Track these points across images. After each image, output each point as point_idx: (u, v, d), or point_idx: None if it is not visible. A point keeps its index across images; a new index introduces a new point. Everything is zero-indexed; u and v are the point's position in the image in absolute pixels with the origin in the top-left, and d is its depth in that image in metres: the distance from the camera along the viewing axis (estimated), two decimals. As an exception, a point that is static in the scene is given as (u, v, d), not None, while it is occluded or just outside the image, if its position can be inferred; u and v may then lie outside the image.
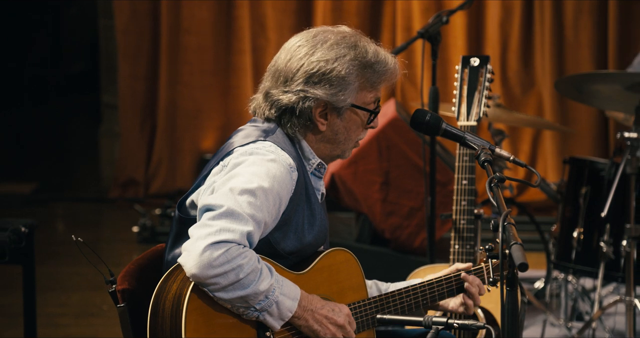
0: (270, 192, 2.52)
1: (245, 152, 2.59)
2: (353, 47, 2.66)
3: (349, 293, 2.71)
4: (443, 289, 2.82)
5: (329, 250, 2.72)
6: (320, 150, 2.72)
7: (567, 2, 6.55)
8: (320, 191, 2.75)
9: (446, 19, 4.04)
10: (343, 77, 2.64)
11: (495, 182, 2.48)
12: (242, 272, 2.42)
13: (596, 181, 4.36)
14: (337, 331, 2.60)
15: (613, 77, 4.37)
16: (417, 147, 5.07)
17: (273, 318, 2.51)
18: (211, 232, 2.42)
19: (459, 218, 3.36)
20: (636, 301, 4.10)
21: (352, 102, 2.67)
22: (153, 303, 2.51)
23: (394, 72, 2.71)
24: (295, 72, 2.65)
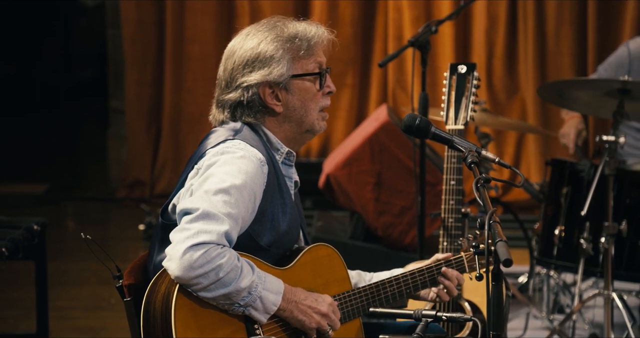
0: (243, 188, 2.51)
1: (217, 153, 2.59)
2: (272, 28, 2.68)
3: (333, 286, 2.71)
4: (425, 279, 2.82)
5: (311, 245, 2.72)
6: (287, 132, 2.71)
7: (549, 12, 6.56)
8: (292, 179, 2.75)
9: (435, 28, 4.04)
10: (271, 56, 2.65)
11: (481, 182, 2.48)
12: (222, 271, 2.42)
13: (576, 182, 4.36)
14: (322, 319, 2.60)
15: (592, 84, 4.37)
16: (407, 149, 5.07)
17: (258, 313, 2.51)
18: (189, 235, 2.42)
19: (448, 217, 3.36)
20: (614, 295, 4.10)
21: (291, 73, 2.66)
22: (144, 304, 2.50)
23: (321, 35, 2.71)
24: (231, 72, 2.68)
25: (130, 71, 6.93)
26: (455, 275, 2.83)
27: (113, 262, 2.66)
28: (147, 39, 6.87)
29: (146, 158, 6.96)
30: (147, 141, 6.96)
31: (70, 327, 4.82)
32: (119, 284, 2.65)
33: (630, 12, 6.46)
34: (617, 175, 4.13)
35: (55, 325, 4.49)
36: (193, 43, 6.80)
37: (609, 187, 4.08)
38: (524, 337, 4.61)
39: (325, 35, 2.72)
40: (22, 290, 4.90)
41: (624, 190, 4.28)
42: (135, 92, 6.94)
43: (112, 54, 7.25)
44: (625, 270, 4.30)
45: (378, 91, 6.79)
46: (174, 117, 6.90)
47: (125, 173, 7.01)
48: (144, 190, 6.93)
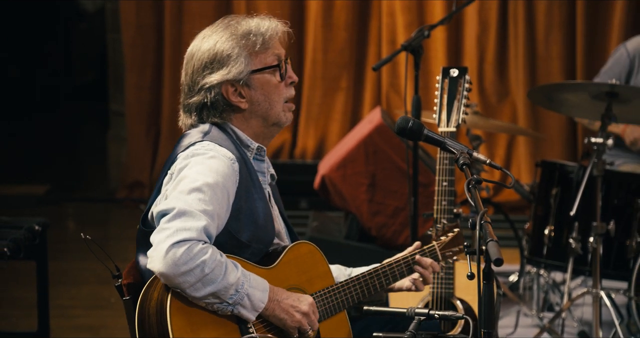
0: (216, 186, 2.51)
1: (187, 156, 2.59)
2: (226, 27, 2.68)
3: (317, 282, 2.71)
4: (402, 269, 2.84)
5: (292, 244, 2.72)
6: (255, 127, 2.71)
7: (538, 18, 6.56)
8: (266, 173, 2.74)
9: (427, 33, 4.04)
10: (228, 55, 2.64)
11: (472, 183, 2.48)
12: (207, 267, 2.41)
13: (565, 183, 4.36)
14: (302, 318, 2.59)
15: (581, 87, 4.37)
16: (401, 151, 5.07)
17: (247, 311, 2.50)
18: (169, 234, 2.41)
19: (440, 217, 3.36)
20: (602, 293, 4.11)
21: (250, 68, 2.65)
22: (139, 312, 2.50)
23: (275, 28, 2.70)
24: (192, 75, 2.68)
25: (130, 74, 6.92)
26: (429, 263, 2.84)
27: (112, 262, 2.65)
28: (147, 43, 6.87)
29: (145, 159, 6.95)
30: (147, 143, 6.96)
31: (71, 325, 4.81)
32: (118, 283, 2.64)
33: (618, 18, 6.46)
34: (605, 177, 4.13)
35: (56, 323, 4.48)
36: (191, 47, 6.79)
37: (597, 188, 4.08)
38: (514, 335, 4.61)
39: (280, 28, 2.72)
40: (24, 289, 4.89)
41: (611, 191, 4.28)
42: (134, 95, 6.94)
43: (112, 57, 7.24)
44: (613, 269, 4.30)
45: (372, 94, 6.79)
46: (172, 120, 6.88)
47: (125, 175, 7.00)
48: (143, 191, 6.92)
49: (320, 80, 6.70)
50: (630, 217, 4.28)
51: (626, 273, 4.28)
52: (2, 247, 3.43)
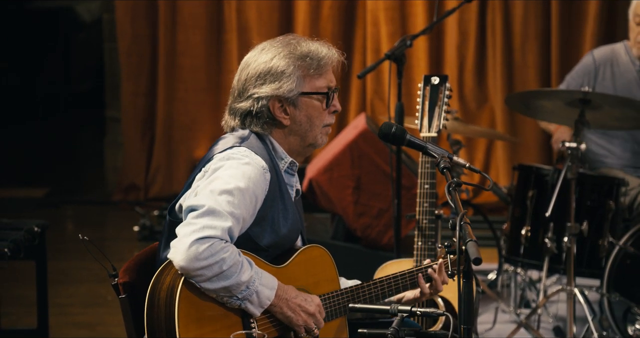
0: (246, 192, 2.51)
1: (223, 158, 2.59)
2: (286, 44, 2.67)
3: (323, 285, 2.70)
4: (406, 282, 2.82)
5: (305, 246, 2.72)
6: (292, 144, 2.71)
7: (515, 28, 6.58)
8: (294, 187, 2.75)
9: (410, 42, 4.04)
10: (283, 71, 2.63)
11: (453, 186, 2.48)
12: (225, 264, 2.42)
13: (541, 185, 4.37)
14: (308, 318, 2.60)
15: (555, 94, 4.39)
16: (385, 155, 5.07)
17: (253, 306, 2.51)
18: (196, 229, 2.42)
19: (422, 218, 3.36)
20: (576, 290, 4.12)
21: (300, 90, 2.65)
22: (149, 294, 2.50)
23: (331, 56, 2.69)
24: (244, 82, 2.67)
25: (125, 82, 6.91)
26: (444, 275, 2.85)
27: (109, 262, 2.64)
28: (142, 52, 6.85)
29: (141, 164, 6.93)
30: (142, 148, 6.94)
31: (70, 322, 4.80)
32: (115, 282, 2.65)
33: (590, 29, 6.49)
34: (578, 179, 4.15)
35: (55, 320, 4.47)
36: (184, 56, 6.78)
37: (572, 190, 4.09)
38: (492, 330, 4.61)
39: (336, 57, 2.72)
40: (24, 288, 4.87)
41: (585, 193, 4.30)
42: (130, 101, 6.92)
43: (109, 66, 7.22)
44: (586, 267, 4.31)
45: (357, 101, 6.79)
46: (166, 126, 6.88)
47: (121, 178, 6.98)
48: (139, 194, 6.90)
49: (308, 88, 6.69)
50: (602, 218, 4.29)
51: (599, 272, 4.30)
52: (3, 248, 3.42)
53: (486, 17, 6.62)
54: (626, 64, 4.73)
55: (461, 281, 2.32)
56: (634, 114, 4.26)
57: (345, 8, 6.70)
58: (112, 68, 7.16)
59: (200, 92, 6.83)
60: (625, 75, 4.72)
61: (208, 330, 2.48)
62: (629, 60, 4.73)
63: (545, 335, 4.50)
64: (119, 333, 4.42)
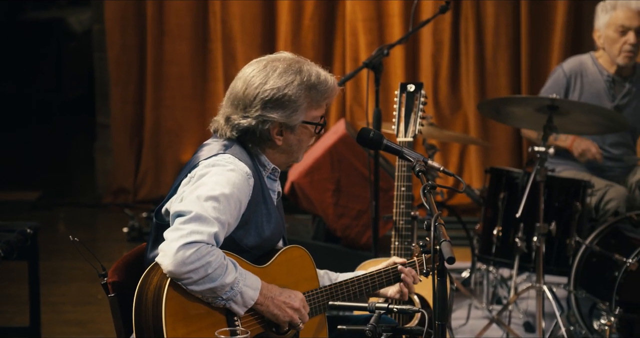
0: (231, 197, 2.51)
1: (209, 164, 2.58)
2: (299, 72, 2.65)
3: (303, 284, 2.70)
4: (382, 279, 2.82)
5: (286, 247, 2.71)
6: (277, 159, 2.72)
7: (487, 39, 6.59)
8: (276, 191, 2.75)
9: (387, 51, 4.05)
10: (294, 101, 2.63)
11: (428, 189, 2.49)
12: (211, 267, 2.42)
13: (512, 187, 4.38)
14: (294, 314, 2.60)
15: (525, 101, 4.40)
16: (363, 159, 5.07)
17: (238, 306, 2.50)
18: (183, 235, 2.42)
19: (399, 219, 3.36)
20: (544, 287, 4.13)
21: (302, 119, 2.66)
22: (137, 294, 2.49)
23: (335, 90, 2.71)
24: (252, 100, 2.63)
25: (115, 90, 6.88)
26: (413, 273, 2.84)
27: (99, 262, 2.63)
28: (130, 61, 6.83)
29: (129, 168, 6.90)
30: (130, 153, 6.91)
31: (61, 320, 4.77)
32: (104, 282, 2.64)
33: (557, 39, 6.51)
34: (547, 182, 4.16)
35: (47, 318, 4.44)
36: (171, 65, 6.76)
37: (540, 192, 4.11)
38: (466, 326, 4.62)
39: (337, 90, 2.72)
40: (17, 287, 4.83)
41: (553, 195, 4.31)
42: (119, 108, 6.89)
43: (99, 74, 7.19)
44: (554, 265, 4.33)
45: (337, 107, 6.79)
46: (154, 131, 6.85)
47: (111, 182, 6.95)
48: (128, 196, 6.87)
49: (290, 95, 6.68)
50: (570, 218, 4.30)
51: (566, 269, 4.31)
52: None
53: (459, 27, 6.63)
54: (594, 75, 4.75)
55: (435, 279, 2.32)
56: (599, 119, 4.28)
57: (326, 19, 6.70)
58: (102, 76, 7.13)
59: (187, 99, 6.81)
60: (594, 85, 4.74)
61: (194, 328, 2.47)
62: (597, 71, 4.75)
63: (516, 330, 4.51)
64: (108, 330, 4.40)
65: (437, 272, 2.33)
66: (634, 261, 3.95)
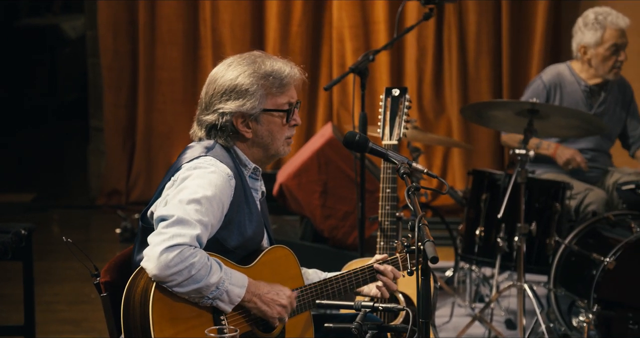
0: (213, 199, 2.50)
1: (191, 167, 2.57)
2: (252, 62, 2.66)
3: (288, 283, 2.69)
4: (366, 276, 2.81)
5: (270, 247, 2.70)
6: (255, 154, 2.70)
7: (469, 45, 6.61)
8: (259, 190, 2.73)
9: (372, 57, 4.04)
10: (247, 89, 2.62)
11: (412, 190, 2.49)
12: (194, 269, 2.40)
13: (494, 189, 4.39)
14: (282, 310, 2.59)
15: (506, 105, 4.41)
16: (350, 162, 5.07)
17: (224, 304, 2.49)
18: (165, 238, 2.40)
19: (384, 220, 3.36)
20: (525, 285, 4.13)
21: (263, 107, 2.64)
22: (125, 297, 2.48)
23: (293, 75, 2.68)
24: (211, 97, 2.66)
25: (108, 94, 6.86)
26: (390, 269, 2.83)
27: (91, 262, 2.62)
28: (123, 66, 6.81)
29: (122, 170, 6.88)
30: (123, 155, 6.89)
31: (55, 319, 4.75)
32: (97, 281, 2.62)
33: (537, 46, 6.53)
34: (527, 183, 4.17)
35: (41, 317, 4.42)
36: (163, 70, 6.75)
37: (521, 193, 4.11)
38: (449, 323, 4.62)
39: (298, 76, 2.71)
40: (12, 287, 4.80)
41: (533, 196, 4.32)
42: (112, 112, 6.87)
43: (92, 79, 7.16)
44: (534, 264, 4.34)
45: (324, 111, 6.78)
46: (146, 135, 6.84)
47: (104, 184, 6.93)
48: (120, 198, 6.85)
49: (278, 99, 6.68)
50: (549, 218, 4.31)
51: (546, 268, 4.32)
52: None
53: (443, 34, 6.64)
54: (572, 84, 4.76)
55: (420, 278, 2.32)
56: (578, 123, 4.29)
57: (313, 26, 6.70)
58: (96, 81, 7.11)
59: (178, 104, 6.79)
60: (572, 95, 4.75)
61: (182, 328, 2.46)
62: (575, 81, 4.76)
63: (498, 327, 4.52)
64: (102, 329, 4.38)
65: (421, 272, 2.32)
66: (611, 260, 3.96)
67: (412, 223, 2.38)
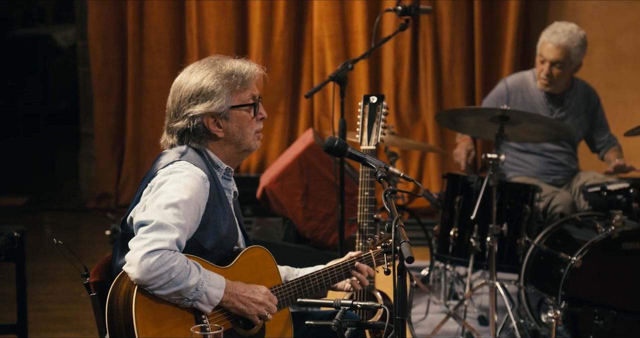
0: (190, 202, 2.49)
1: (166, 172, 2.56)
2: (212, 65, 2.66)
3: (266, 281, 2.69)
4: (341, 272, 2.81)
5: (247, 248, 2.70)
6: (227, 153, 2.69)
7: (444, 54, 6.63)
8: (231, 190, 2.73)
9: (351, 66, 4.05)
10: (213, 91, 2.62)
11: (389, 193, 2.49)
12: (174, 272, 2.39)
13: (467, 191, 4.40)
14: (259, 307, 2.58)
15: (479, 112, 4.42)
16: (330, 166, 5.07)
17: (204, 305, 2.48)
18: (146, 243, 2.39)
19: (363, 222, 3.36)
20: (497, 283, 4.15)
21: (230, 105, 2.64)
22: (109, 300, 2.46)
23: (253, 71, 2.69)
24: (179, 104, 2.66)
25: (98, 102, 6.83)
26: (365, 269, 2.83)
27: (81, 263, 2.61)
28: (112, 75, 6.78)
29: (112, 174, 6.85)
30: (112, 160, 6.86)
31: (47, 317, 4.72)
32: (86, 281, 2.60)
33: (508, 55, 6.57)
34: (499, 186, 4.18)
35: (33, 316, 4.39)
36: (151, 78, 6.72)
37: (493, 196, 4.13)
38: (425, 320, 4.62)
39: (258, 71, 2.71)
40: (5, 287, 4.77)
41: (505, 198, 4.33)
42: (102, 119, 6.84)
43: (83, 87, 7.13)
44: (506, 263, 4.35)
45: (305, 117, 6.78)
46: (135, 140, 6.81)
47: (94, 188, 6.89)
48: (110, 201, 6.82)
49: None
50: (520, 220, 4.33)
51: (517, 267, 4.34)
52: (-15, 251, 3.36)
53: (418, 43, 6.66)
54: (534, 90, 4.79)
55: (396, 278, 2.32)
56: (546, 128, 4.32)
57: (295, 35, 6.70)
58: (86, 89, 7.07)
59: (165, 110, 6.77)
60: (533, 99, 4.78)
61: (165, 328, 2.45)
62: (536, 87, 4.79)
63: (471, 323, 4.53)
64: (91, 327, 4.35)
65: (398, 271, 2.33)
66: (578, 259, 3.98)
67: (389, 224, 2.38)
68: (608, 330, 3.93)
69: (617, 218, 4.04)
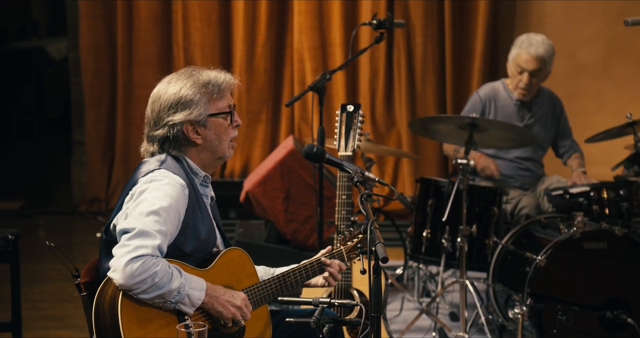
0: (170, 209, 2.47)
1: (147, 180, 2.54)
2: (190, 76, 2.65)
3: (244, 280, 2.68)
4: (315, 269, 2.81)
5: (225, 249, 2.69)
6: (204, 159, 2.68)
7: (416, 65, 6.65)
8: (208, 196, 2.72)
9: (329, 76, 4.05)
10: (191, 99, 2.61)
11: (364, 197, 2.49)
12: (157, 276, 2.38)
13: (439, 195, 4.41)
14: (236, 311, 2.57)
15: (449, 120, 4.44)
16: (310, 171, 5.07)
17: (186, 307, 2.47)
18: (129, 250, 2.38)
19: (340, 224, 3.36)
20: (467, 282, 4.16)
21: (208, 112, 2.63)
22: (95, 304, 2.45)
23: (229, 81, 2.68)
24: (158, 113, 2.64)
25: (89, 111, 6.79)
26: (337, 264, 2.83)
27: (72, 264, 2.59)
28: (102, 85, 6.75)
29: (102, 180, 6.82)
30: (103, 166, 6.83)
31: (40, 316, 4.68)
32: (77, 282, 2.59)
33: (477, 66, 6.60)
34: (469, 190, 4.19)
35: (27, 315, 4.36)
36: (139, 88, 6.70)
37: (463, 199, 4.14)
38: (399, 316, 4.62)
39: (232, 81, 2.71)
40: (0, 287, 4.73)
41: (474, 201, 4.35)
42: (93, 127, 6.81)
43: (75, 97, 7.09)
44: (475, 262, 4.37)
45: (286, 125, 6.78)
46: (124, 147, 6.78)
47: (85, 192, 6.85)
48: (101, 205, 6.78)
49: (245, 114, 6.66)
50: (488, 221, 4.35)
51: (485, 266, 4.35)
52: (-20, 253, 3.33)
53: (393, 55, 6.68)
54: (505, 99, 4.81)
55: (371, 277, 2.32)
56: (513, 135, 4.34)
57: (276, 47, 6.70)
58: (77, 99, 7.03)
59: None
60: (505, 108, 4.80)
61: (150, 329, 2.43)
62: (508, 96, 4.81)
63: (443, 319, 4.54)
64: (82, 324, 4.33)
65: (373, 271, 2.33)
66: (542, 258, 4.00)
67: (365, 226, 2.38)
68: (570, 325, 3.96)
69: (578, 220, 4.06)
